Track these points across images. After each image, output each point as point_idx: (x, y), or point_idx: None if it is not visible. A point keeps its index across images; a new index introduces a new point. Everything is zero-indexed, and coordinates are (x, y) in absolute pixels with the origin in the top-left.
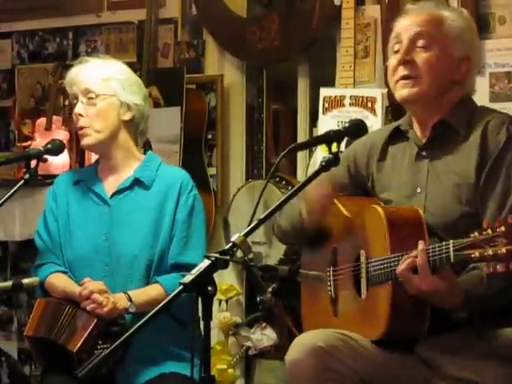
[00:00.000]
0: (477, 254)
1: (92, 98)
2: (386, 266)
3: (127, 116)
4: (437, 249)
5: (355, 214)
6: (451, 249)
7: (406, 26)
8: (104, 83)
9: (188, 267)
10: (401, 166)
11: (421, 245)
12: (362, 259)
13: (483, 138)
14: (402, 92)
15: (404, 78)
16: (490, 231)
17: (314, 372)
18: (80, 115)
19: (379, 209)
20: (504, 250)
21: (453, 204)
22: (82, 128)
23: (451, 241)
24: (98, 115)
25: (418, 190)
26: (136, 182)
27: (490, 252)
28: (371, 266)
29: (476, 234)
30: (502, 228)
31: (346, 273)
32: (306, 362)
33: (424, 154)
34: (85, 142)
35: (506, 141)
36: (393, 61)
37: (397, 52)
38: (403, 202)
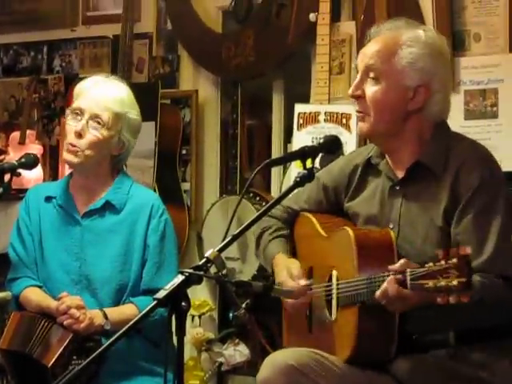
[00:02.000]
0: (431, 284)
1: (99, 123)
2: (353, 289)
3: (117, 152)
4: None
5: (330, 233)
6: (408, 278)
7: (361, 55)
8: (115, 117)
9: None
10: (373, 199)
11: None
12: (334, 280)
13: (455, 182)
14: (358, 126)
15: (357, 111)
16: (443, 262)
17: None
18: (80, 135)
19: (350, 231)
20: (456, 282)
21: (424, 245)
22: (74, 145)
23: (408, 270)
24: (94, 143)
25: (391, 226)
26: (107, 205)
27: (443, 283)
28: (341, 288)
29: (431, 264)
30: (454, 260)
31: (320, 292)
32: (277, 381)
33: (398, 188)
34: (70, 158)
35: (477, 187)
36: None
37: None
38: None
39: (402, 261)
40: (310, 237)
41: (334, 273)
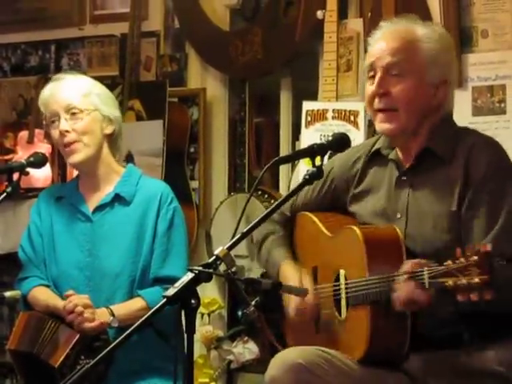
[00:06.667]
0: (450, 282)
1: (76, 113)
2: (364, 288)
3: (109, 130)
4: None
5: (335, 233)
6: (426, 276)
7: (379, 52)
8: (85, 99)
9: (169, 280)
10: (379, 191)
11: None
12: (342, 279)
13: (466, 166)
14: (381, 126)
15: (381, 110)
16: (462, 260)
17: None
18: (67, 131)
19: (357, 230)
20: (477, 279)
21: (434, 233)
22: (70, 144)
23: (425, 268)
24: (84, 130)
25: (398, 216)
26: (116, 198)
27: (464, 281)
28: (350, 288)
29: (450, 262)
30: (475, 257)
31: (327, 292)
32: (285, 379)
33: (404, 178)
34: (75, 158)
35: (486, 171)
36: (368, 88)
37: (371, 78)
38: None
39: (415, 260)
40: (312, 236)
41: (342, 272)
